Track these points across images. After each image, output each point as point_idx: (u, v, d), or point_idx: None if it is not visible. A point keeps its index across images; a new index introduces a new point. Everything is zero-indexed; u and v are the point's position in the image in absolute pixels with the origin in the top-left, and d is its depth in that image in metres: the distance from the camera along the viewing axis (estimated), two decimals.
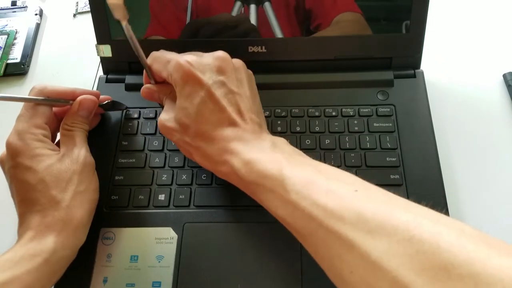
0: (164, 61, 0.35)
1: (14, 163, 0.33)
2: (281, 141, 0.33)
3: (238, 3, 0.41)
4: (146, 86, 0.38)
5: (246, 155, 0.31)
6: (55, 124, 0.37)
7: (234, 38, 0.41)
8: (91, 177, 0.35)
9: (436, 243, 0.21)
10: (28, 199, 0.32)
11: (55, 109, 0.38)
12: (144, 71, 0.37)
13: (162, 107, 0.37)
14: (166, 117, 0.35)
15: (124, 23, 0.33)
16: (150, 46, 0.40)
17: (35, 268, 0.29)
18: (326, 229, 0.25)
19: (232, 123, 0.33)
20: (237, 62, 0.36)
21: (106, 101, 0.40)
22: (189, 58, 0.34)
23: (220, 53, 0.35)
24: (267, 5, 0.41)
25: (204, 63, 0.34)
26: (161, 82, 0.37)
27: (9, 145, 0.34)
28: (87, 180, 0.34)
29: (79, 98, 0.37)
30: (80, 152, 0.35)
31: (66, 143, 0.35)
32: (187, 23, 0.41)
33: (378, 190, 0.27)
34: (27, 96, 0.36)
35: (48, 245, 0.30)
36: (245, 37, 0.41)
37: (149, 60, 0.37)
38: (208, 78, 0.33)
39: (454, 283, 0.20)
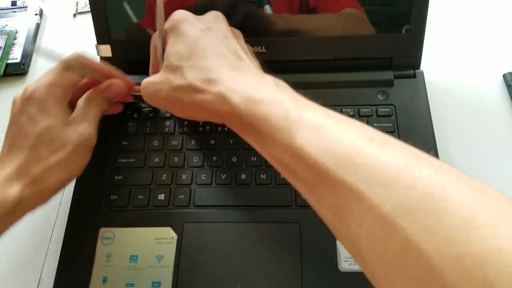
0: (162, 26, 0.34)
1: (23, 108, 0.33)
2: (284, 83, 0.30)
3: None
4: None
5: (246, 91, 0.28)
6: (78, 93, 0.37)
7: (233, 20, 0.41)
8: (84, 154, 0.34)
9: (460, 201, 0.19)
10: (17, 145, 0.32)
11: (86, 79, 0.37)
12: (151, 61, 0.37)
13: None
14: (152, 76, 0.33)
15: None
16: (148, 37, 0.39)
17: None
18: (333, 177, 0.23)
19: (229, 57, 0.31)
20: (234, 28, 0.36)
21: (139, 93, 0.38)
22: (183, 11, 0.34)
23: (214, 11, 0.35)
24: (267, 7, 0.41)
25: (198, 16, 0.34)
26: None
27: (26, 91, 0.34)
28: (80, 154, 0.34)
29: (109, 80, 0.37)
30: (88, 128, 0.34)
31: (80, 112, 0.35)
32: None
33: (396, 140, 0.24)
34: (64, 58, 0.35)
35: (11, 195, 0.30)
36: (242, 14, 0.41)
37: (152, 41, 0.36)
38: (201, 23, 0.33)
39: (475, 245, 0.18)
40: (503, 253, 0.17)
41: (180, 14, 0.34)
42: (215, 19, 0.34)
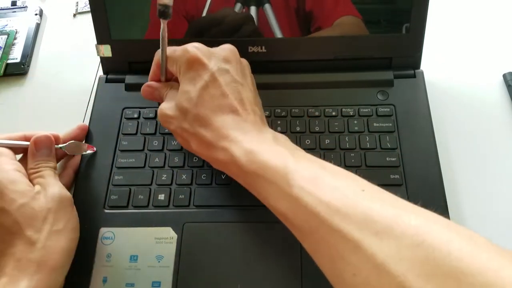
0: (171, 50, 0.35)
1: None
2: (283, 137, 0.33)
3: (239, 5, 0.41)
4: (146, 84, 0.37)
5: (247, 144, 0.30)
6: (23, 169, 0.35)
7: (236, 37, 0.41)
8: (69, 215, 0.33)
9: (447, 250, 0.20)
10: (2, 241, 0.31)
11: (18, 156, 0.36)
12: (154, 65, 0.37)
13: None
14: (166, 105, 0.35)
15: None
16: (150, 46, 0.40)
17: None
18: (329, 227, 0.24)
19: (234, 111, 0.32)
20: (243, 59, 0.36)
21: (68, 143, 0.38)
22: (197, 44, 0.34)
23: (228, 45, 0.35)
24: (267, 7, 0.41)
25: (211, 51, 0.34)
26: (169, 80, 0.37)
27: None
28: (65, 218, 0.32)
29: (32, 140, 0.35)
30: (55, 189, 0.33)
31: (38, 183, 0.33)
32: (189, 23, 0.41)
33: (386, 192, 0.26)
34: None
35: None
36: (246, 33, 0.41)
37: (156, 55, 0.37)
38: (213, 64, 0.33)
39: None
40: None
41: (194, 51, 0.33)
42: (227, 58, 0.34)
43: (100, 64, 0.45)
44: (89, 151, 0.39)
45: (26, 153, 0.36)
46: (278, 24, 0.41)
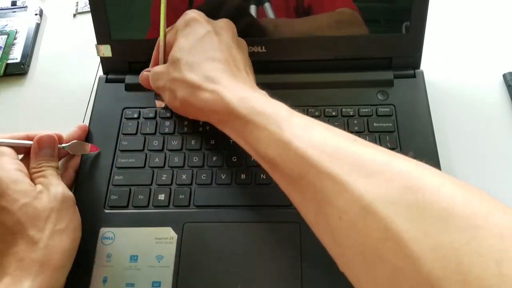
0: (171, 27, 0.36)
1: None
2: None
3: None
4: (146, 69, 0.38)
5: (239, 91, 0.29)
6: (25, 169, 0.35)
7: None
8: (71, 214, 0.33)
9: (437, 193, 0.20)
10: (4, 241, 0.30)
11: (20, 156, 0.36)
12: (153, 55, 0.38)
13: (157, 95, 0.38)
14: (159, 65, 0.36)
15: None
16: (150, 46, 0.40)
17: None
18: (319, 170, 0.24)
19: (226, 64, 0.31)
20: (241, 39, 0.37)
21: (71, 142, 0.38)
22: (196, 10, 0.35)
23: (226, 19, 0.36)
24: (267, 5, 0.41)
25: (210, 19, 0.35)
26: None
27: None
28: (67, 217, 0.32)
29: (35, 139, 0.35)
30: (57, 189, 0.33)
31: (40, 182, 0.33)
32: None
33: (377, 145, 0.26)
34: None
35: None
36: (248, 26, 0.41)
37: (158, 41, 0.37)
38: (211, 25, 0.34)
39: (451, 234, 0.19)
40: (478, 242, 0.18)
41: (193, 13, 0.35)
42: (225, 26, 0.35)
43: (100, 64, 0.45)
44: (92, 152, 0.39)
45: (29, 153, 0.36)
46: None
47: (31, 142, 0.36)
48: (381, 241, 0.21)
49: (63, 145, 0.37)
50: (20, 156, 0.36)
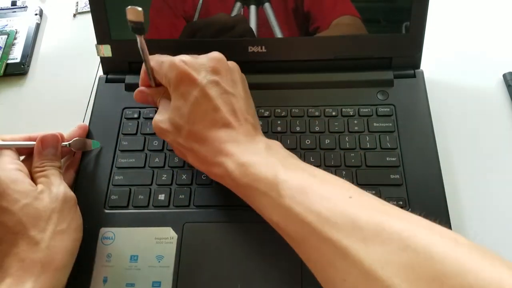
0: (159, 62, 0.35)
1: None
2: (276, 144, 0.33)
3: (238, 4, 0.41)
4: (139, 89, 0.37)
5: (240, 157, 0.31)
6: (26, 169, 0.35)
7: (232, 38, 0.41)
8: (73, 215, 0.33)
9: (430, 253, 0.21)
10: (6, 242, 0.30)
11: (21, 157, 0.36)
12: (142, 73, 0.37)
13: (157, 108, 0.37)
14: (160, 118, 0.35)
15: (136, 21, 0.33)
16: (149, 47, 0.40)
17: None
18: (319, 235, 0.25)
19: (226, 124, 0.32)
20: (232, 63, 0.36)
21: (73, 139, 0.38)
22: (184, 57, 0.34)
23: (215, 54, 0.34)
24: (267, 6, 0.41)
25: (199, 63, 0.34)
26: (160, 85, 0.37)
27: None
28: (68, 218, 0.32)
29: (38, 139, 0.36)
30: (59, 189, 0.33)
31: (42, 182, 0.34)
32: (185, 25, 0.41)
33: (373, 197, 0.27)
34: None
35: None
36: (242, 36, 0.41)
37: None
38: (202, 77, 0.33)
39: None
40: None
41: (181, 66, 0.33)
42: (215, 69, 0.34)
43: (100, 64, 0.45)
44: (94, 150, 0.40)
45: (31, 153, 0.36)
46: (278, 23, 0.41)
47: (33, 143, 0.36)
48: None
49: (65, 143, 0.38)
50: (22, 158, 0.36)
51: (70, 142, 0.38)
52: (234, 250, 0.35)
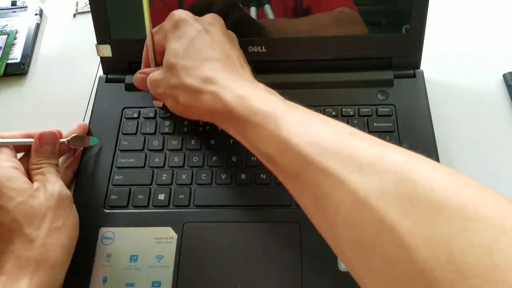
0: (158, 27, 0.36)
1: None
2: (275, 91, 0.32)
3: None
4: (140, 71, 0.38)
5: (237, 89, 0.30)
6: (22, 167, 0.35)
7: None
8: (69, 212, 0.33)
9: (430, 185, 0.20)
10: (1, 240, 0.31)
11: (19, 154, 0.36)
12: (144, 51, 0.38)
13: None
14: (155, 72, 0.36)
15: None
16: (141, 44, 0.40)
17: None
18: (316, 166, 0.24)
19: (222, 61, 0.32)
20: (230, 31, 0.37)
21: (71, 136, 0.38)
22: (182, 10, 0.35)
23: (212, 13, 0.36)
24: (267, 7, 0.41)
25: (197, 17, 0.35)
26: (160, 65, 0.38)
27: None
28: (64, 215, 0.32)
29: (36, 136, 0.35)
30: (55, 187, 0.33)
31: (38, 179, 0.33)
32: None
33: (372, 136, 0.26)
34: None
35: None
36: (239, 23, 0.41)
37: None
38: (200, 23, 0.34)
39: (442, 225, 0.19)
40: (469, 233, 0.18)
41: (179, 13, 0.34)
42: (212, 21, 0.35)
43: (100, 64, 0.45)
44: (93, 147, 0.40)
45: (29, 151, 0.36)
46: None
47: (31, 140, 0.36)
48: (375, 234, 0.21)
49: (63, 139, 0.38)
50: (20, 155, 0.36)
51: (68, 139, 0.38)
52: (234, 250, 0.35)
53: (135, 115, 0.42)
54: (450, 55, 0.48)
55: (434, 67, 0.45)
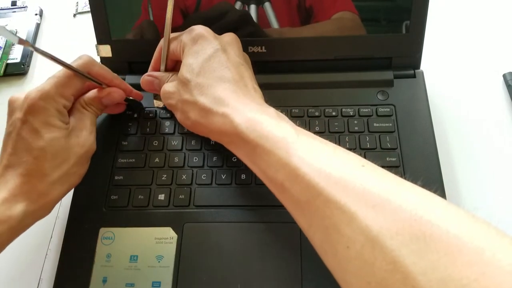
0: (175, 34, 0.36)
1: (25, 118, 0.31)
2: (285, 116, 0.32)
3: (238, 3, 0.41)
4: (147, 73, 0.38)
5: (248, 113, 0.30)
6: (79, 96, 0.36)
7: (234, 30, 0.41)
8: (84, 164, 0.35)
9: (446, 227, 0.20)
10: (19, 158, 0.31)
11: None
12: (156, 52, 0.38)
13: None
14: (169, 84, 0.36)
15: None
16: (151, 46, 0.40)
17: None
18: (326, 197, 0.24)
19: (235, 83, 0.32)
20: (245, 53, 0.37)
21: (133, 98, 0.40)
22: (203, 26, 0.35)
23: (232, 33, 0.36)
24: (267, 5, 0.41)
25: (216, 35, 0.35)
26: (169, 71, 0.38)
27: (29, 100, 0.32)
28: (81, 164, 0.35)
29: (110, 89, 0.37)
30: (89, 137, 0.35)
31: (77, 119, 0.35)
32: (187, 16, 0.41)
33: (386, 171, 0.25)
34: (70, 64, 0.34)
35: (17, 212, 0.30)
36: (245, 32, 0.41)
37: (160, 42, 0.37)
38: (220, 40, 0.34)
39: (459, 269, 0.18)
40: (487, 278, 0.18)
41: (199, 29, 0.35)
42: (230, 41, 0.35)
43: None
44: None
45: (89, 85, 0.36)
46: (278, 22, 0.41)
47: (103, 86, 0.36)
48: (388, 273, 0.20)
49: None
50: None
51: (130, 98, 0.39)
52: (234, 250, 0.35)
53: (135, 115, 0.42)
54: (450, 55, 0.48)
55: (434, 67, 0.45)
